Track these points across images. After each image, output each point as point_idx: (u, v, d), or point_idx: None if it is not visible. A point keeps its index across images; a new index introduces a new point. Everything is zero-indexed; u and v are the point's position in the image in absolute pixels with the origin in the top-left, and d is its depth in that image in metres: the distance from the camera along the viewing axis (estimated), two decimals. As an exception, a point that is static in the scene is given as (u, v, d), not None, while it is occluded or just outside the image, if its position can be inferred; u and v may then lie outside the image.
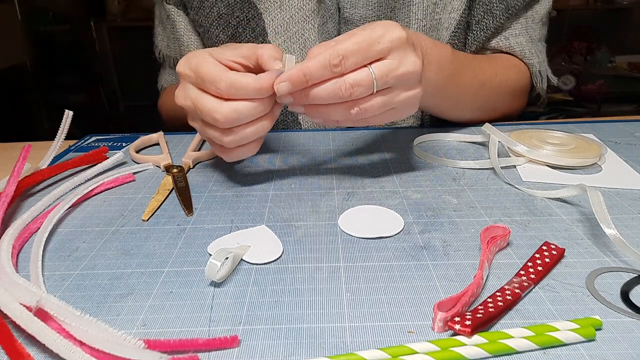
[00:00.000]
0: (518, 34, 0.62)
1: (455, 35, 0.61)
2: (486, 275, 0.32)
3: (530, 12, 0.62)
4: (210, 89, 0.40)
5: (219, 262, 0.31)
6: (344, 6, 0.59)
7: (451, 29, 0.61)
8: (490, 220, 0.39)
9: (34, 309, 0.28)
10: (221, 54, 0.42)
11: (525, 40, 0.62)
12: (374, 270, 0.33)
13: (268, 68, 0.40)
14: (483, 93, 0.57)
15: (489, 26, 0.60)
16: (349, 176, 0.48)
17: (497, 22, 0.60)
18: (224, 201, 0.44)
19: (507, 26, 0.62)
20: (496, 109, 0.62)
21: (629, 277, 0.32)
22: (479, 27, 0.60)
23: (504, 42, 0.62)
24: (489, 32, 0.60)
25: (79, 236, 0.39)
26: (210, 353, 0.27)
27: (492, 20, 0.60)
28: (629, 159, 0.49)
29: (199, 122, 0.43)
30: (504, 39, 0.62)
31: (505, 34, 0.62)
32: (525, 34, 0.62)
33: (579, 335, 0.26)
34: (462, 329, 0.26)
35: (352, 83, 0.38)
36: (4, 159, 0.56)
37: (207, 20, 0.62)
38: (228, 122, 0.40)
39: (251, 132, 0.41)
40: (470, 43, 0.62)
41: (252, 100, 0.40)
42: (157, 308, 0.30)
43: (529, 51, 0.62)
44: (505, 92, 0.61)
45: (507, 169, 0.48)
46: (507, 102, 0.62)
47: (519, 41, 0.62)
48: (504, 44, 0.62)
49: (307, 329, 0.28)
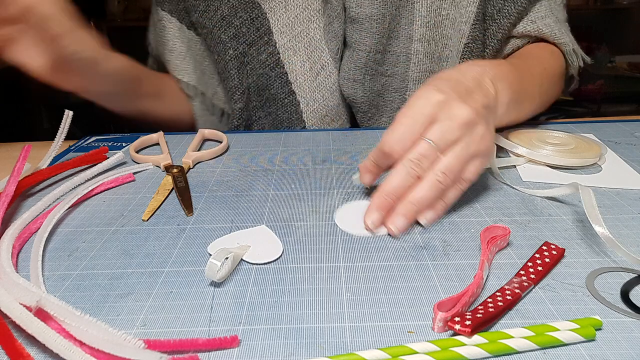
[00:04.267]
0: (544, 16, 0.60)
1: (475, 27, 0.60)
2: (486, 275, 0.32)
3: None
4: None
5: (219, 262, 0.31)
6: (349, 5, 0.59)
7: (470, 22, 0.59)
8: (490, 220, 0.39)
9: (34, 309, 0.28)
10: None
11: (552, 21, 0.60)
12: (374, 270, 0.33)
13: None
14: (542, 89, 0.57)
15: (512, 12, 0.59)
16: (349, 176, 0.48)
17: (519, 7, 0.58)
18: (224, 201, 0.44)
19: (530, 9, 0.60)
20: (549, 100, 0.61)
21: (629, 277, 0.32)
22: (501, 15, 0.59)
23: (531, 25, 0.60)
24: (512, 18, 0.59)
25: (79, 236, 0.39)
26: (210, 353, 0.27)
27: (514, 5, 0.58)
28: (629, 159, 0.49)
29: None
30: (530, 23, 0.60)
31: (531, 17, 0.60)
32: (551, 15, 0.60)
33: (579, 335, 0.26)
34: (462, 329, 0.26)
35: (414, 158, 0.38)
36: (4, 159, 0.56)
37: (210, 22, 0.62)
38: None
39: None
40: (495, 32, 0.60)
41: None
42: (157, 308, 0.30)
43: (558, 31, 0.60)
44: (555, 81, 0.60)
45: (507, 169, 0.48)
46: (557, 89, 0.62)
47: (547, 22, 0.60)
48: (531, 27, 0.60)
49: (307, 329, 0.28)
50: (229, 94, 0.65)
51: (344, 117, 0.66)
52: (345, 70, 0.63)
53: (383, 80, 0.63)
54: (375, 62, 0.61)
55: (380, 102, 0.65)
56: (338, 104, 0.65)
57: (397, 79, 0.63)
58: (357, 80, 0.62)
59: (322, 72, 0.63)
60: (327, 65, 0.63)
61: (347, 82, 0.63)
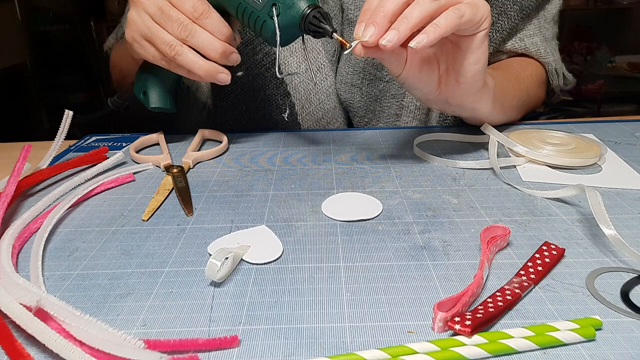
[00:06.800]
0: (532, 35, 0.62)
1: None
2: (486, 275, 0.32)
3: (542, 12, 0.62)
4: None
5: (219, 262, 0.31)
6: (347, 7, 0.59)
7: None
8: (490, 220, 0.39)
9: (34, 309, 0.28)
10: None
11: (539, 40, 0.62)
12: (374, 270, 0.33)
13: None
14: (522, 86, 0.59)
15: (504, 27, 0.60)
16: (349, 176, 0.48)
17: (512, 22, 0.60)
18: (224, 201, 0.44)
19: (521, 27, 0.62)
20: (530, 103, 0.62)
21: (629, 277, 0.32)
22: (494, 29, 0.61)
23: (519, 43, 0.62)
24: (504, 33, 0.61)
25: (79, 236, 0.39)
26: (210, 353, 0.27)
27: (507, 21, 0.60)
28: (629, 159, 0.49)
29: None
30: (519, 41, 0.62)
31: (520, 35, 0.62)
32: (539, 33, 0.62)
33: (579, 335, 0.26)
34: (462, 329, 0.26)
35: None
36: (4, 159, 0.56)
37: None
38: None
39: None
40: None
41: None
42: (157, 308, 0.30)
43: (544, 50, 0.62)
44: (534, 84, 0.62)
45: (507, 169, 0.48)
46: (537, 93, 0.63)
47: (534, 41, 0.62)
48: (519, 45, 0.62)
49: (307, 329, 0.28)
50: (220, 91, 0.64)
51: (340, 120, 0.66)
52: (342, 74, 0.63)
53: (381, 86, 0.63)
54: (373, 66, 0.61)
55: (377, 107, 0.65)
56: (334, 107, 0.65)
57: (395, 84, 0.63)
58: (354, 84, 0.62)
59: (319, 74, 0.63)
60: (324, 68, 0.63)
61: (344, 87, 0.63)
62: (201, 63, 0.47)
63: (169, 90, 0.55)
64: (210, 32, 0.46)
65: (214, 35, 0.46)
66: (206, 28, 0.46)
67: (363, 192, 0.44)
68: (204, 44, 0.46)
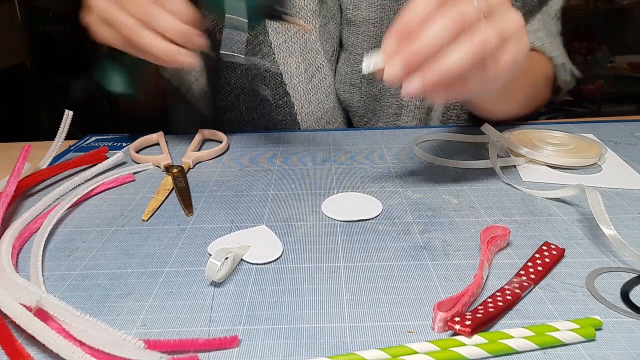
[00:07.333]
0: (537, 30, 0.61)
1: None
2: (486, 275, 0.32)
3: (545, 8, 0.62)
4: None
5: (219, 262, 0.31)
6: (346, 7, 0.59)
7: None
8: (490, 220, 0.39)
9: (34, 309, 0.28)
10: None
11: (544, 35, 0.61)
12: (374, 270, 0.33)
13: None
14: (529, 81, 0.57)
15: None
16: (349, 176, 0.48)
17: None
18: (224, 201, 0.44)
19: (525, 22, 0.61)
20: (536, 100, 0.61)
21: (629, 277, 0.32)
22: None
23: None
24: None
25: (79, 236, 0.39)
26: (210, 353, 0.27)
27: None
28: (629, 159, 0.49)
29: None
30: None
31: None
32: (543, 28, 0.61)
33: (579, 335, 0.26)
34: (462, 329, 0.26)
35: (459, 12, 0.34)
36: (4, 159, 0.56)
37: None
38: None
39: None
40: None
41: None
42: (157, 308, 0.30)
43: (549, 45, 0.61)
44: (541, 81, 0.61)
45: (507, 169, 0.48)
46: (543, 90, 0.62)
47: (539, 36, 0.61)
48: None
49: (307, 329, 0.28)
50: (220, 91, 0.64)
51: (340, 120, 0.66)
52: (341, 73, 0.63)
53: (380, 85, 0.63)
54: None
55: (377, 106, 0.65)
56: (333, 107, 0.65)
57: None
58: (353, 84, 0.62)
59: (318, 74, 0.63)
60: (323, 67, 0.63)
61: (343, 86, 0.63)
62: (160, 44, 0.45)
63: (130, 73, 0.54)
64: (170, 14, 0.45)
65: (174, 17, 0.45)
66: (167, 9, 0.45)
67: (363, 192, 0.44)
68: (164, 26, 0.45)
